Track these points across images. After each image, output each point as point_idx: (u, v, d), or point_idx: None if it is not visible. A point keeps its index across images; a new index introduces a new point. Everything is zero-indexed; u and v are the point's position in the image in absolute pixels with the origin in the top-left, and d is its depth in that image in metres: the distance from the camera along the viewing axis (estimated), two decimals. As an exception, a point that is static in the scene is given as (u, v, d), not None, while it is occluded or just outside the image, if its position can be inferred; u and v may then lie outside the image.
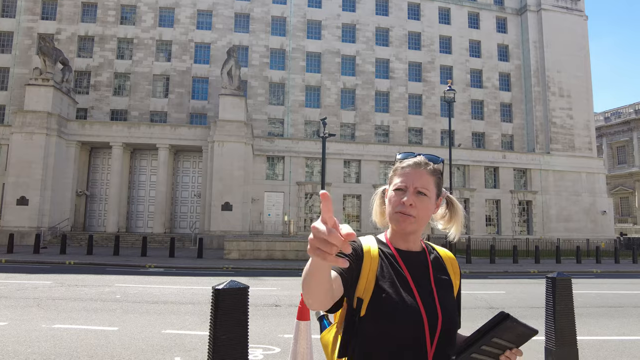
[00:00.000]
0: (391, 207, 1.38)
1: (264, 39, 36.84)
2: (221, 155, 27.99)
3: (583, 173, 38.05)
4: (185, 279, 13.03)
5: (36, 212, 26.06)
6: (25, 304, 8.22)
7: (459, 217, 1.48)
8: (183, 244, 27.31)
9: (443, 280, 1.40)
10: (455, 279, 1.45)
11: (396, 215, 1.35)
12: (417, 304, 1.28)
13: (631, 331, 7.27)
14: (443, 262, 1.46)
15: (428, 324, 1.27)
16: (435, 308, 1.30)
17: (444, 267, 1.44)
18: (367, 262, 1.35)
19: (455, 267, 1.47)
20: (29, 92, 27.71)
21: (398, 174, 1.40)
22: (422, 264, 1.39)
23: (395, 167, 1.43)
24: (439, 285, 1.37)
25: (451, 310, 1.34)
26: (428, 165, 1.39)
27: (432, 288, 1.34)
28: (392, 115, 37.94)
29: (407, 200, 1.33)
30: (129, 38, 35.45)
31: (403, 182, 1.37)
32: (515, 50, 41.20)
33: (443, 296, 1.35)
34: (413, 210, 1.33)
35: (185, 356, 5.25)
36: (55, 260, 16.82)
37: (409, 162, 1.39)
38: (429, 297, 1.32)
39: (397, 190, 1.37)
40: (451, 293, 1.39)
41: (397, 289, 1.30)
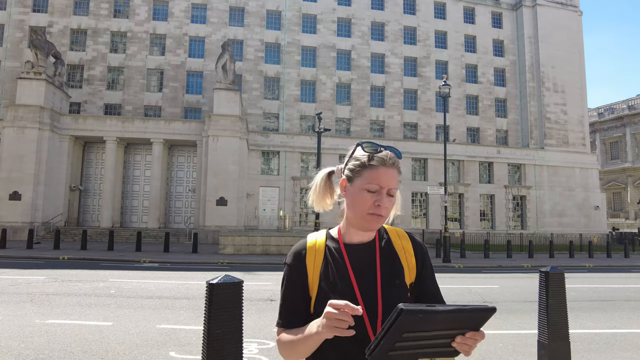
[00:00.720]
0: (361, 208, 1.34)
1: (258, 32, 36.59)
2: (216, 150, 27.86)
3: (577, 168, 38.33)
4: (180, 274, 13.00)
5: (29, 207, 25.84)
6: (18, 300, 8.17)
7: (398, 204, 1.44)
8: (178, 239, 27.23)
9: (391, 267, 1.38)
10: (409, 258, 1.41)
11: (369, 217, 1.34)
12: (355, 296, 1.29)
13: (622, 324, 7.36)
14: (393, 246, 1.43)
15: (368, 316, 1.27)
16: (376, 301, 1.30)
17: (394, 250, 1.42)
18: (310, 259, 1.38)
19: (406, 245, 1.44)
20: (20, 85, 27.37)
21: (368, 174, 1.34)
22: (369, 254, 1.38)
23: (362, 161, 1.36)
24: (385, 273, 1.36)
25: (396, 297, 1.32)
26: (395, 164, 1.36)
27: (376, 278, 1.34)
28: (387, 110, 37.92)
29: (383, 203, 1.32)
30: (122, 31, 35.07)
31: (377, 183, 1.33)
32: (510, 45, 41.26)
33: (388, 285, 1.33)
34: (384, 211, 1.34)
35: (180, 351, 5.25)
36: (49, 256, 16.72)
37: (384, 159, 1.35)
38: (371, 288, 1.32)
39: (370, 192, 1.33)
40: (401, 279, 1.37)
41: (337, 286, 1.32)
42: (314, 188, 1.48)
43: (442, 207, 26.18)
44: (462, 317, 1.01)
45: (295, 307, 1.35)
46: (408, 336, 0.98)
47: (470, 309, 1.01)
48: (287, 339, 1.30)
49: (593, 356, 5.54)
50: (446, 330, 1.02)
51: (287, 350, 1.31)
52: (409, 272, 1.40)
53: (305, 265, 1.38)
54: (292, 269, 1.39)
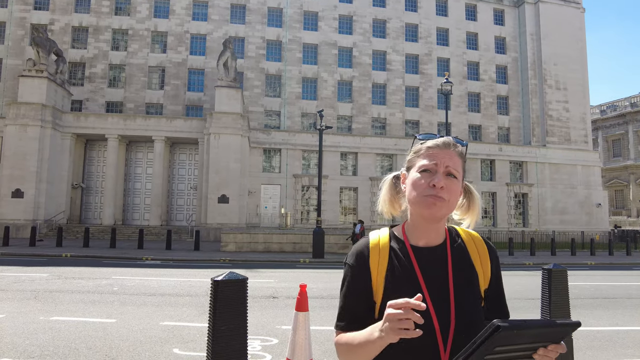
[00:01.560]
0: (417, 191, 1.21)
1: (260, 30, 36.54)
2: (217, 147, 27.88)
3: (579, 166, 38.25)
4: (183, 271, 13.04)
5: (31, 205, 25.92)
6: (22, 297, 8.21)
7: (477, 208, 1.36)
8: (180, 237, 27.30)
9: (465, 276, 1.25)
10: (484, 267, 1.29)
11: (425, 199, 1.20)
12: (427, 309, 1.16)
13: (624, 322, 7.37)
14: (468, 251, 1.30)
15: (440, 329, 1.16)
16: (449, 310, 1.19)
17: (468, 257, 1.29)
18: (374, 258, 1.26)
19: (482, 252, 1.31)
20: (22, 83, 27.41)
21: (423, 155, 1.25)
22: (440, 260, 1.26)
23: (417, 148, 1.28)
24: (458, 282, 1.23)
25: (471, 310, 1.21)
26: (456, 146, 1.26)
27: (448, 287, 1.22)
28: (389, 108, 37.87)
29: (438, 182, 1.18)
30: (123, 29, 35.05)
31: (432, 162, 1.22)
32: (512, 42, 41.12)
33: (462, 295, 1.21)
34: (445, 193, 1.19)
35: (184, 347, 5.28)
36: (52, 253, 16.78)
37: (437, 141, 1.26)
38: (443, 298, 1.20)
39: (425, 172, 1.22)
40: (474, 288, 1.25)
41: (406, 290, 1.19)
42: (381, 194, 1.39)
43: (444, 204, 26.08)
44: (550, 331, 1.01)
45: (357, 311, 1.24)
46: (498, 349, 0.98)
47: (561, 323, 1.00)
48: (347, 342, 1.20)
49: (595, 353, 5.54)
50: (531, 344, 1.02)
51: (346, 354, 1.21)
52: (483, 280, 1.28)
53: (368, 267, 1.26)
54: (353, 270, 1.27)
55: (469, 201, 1.38)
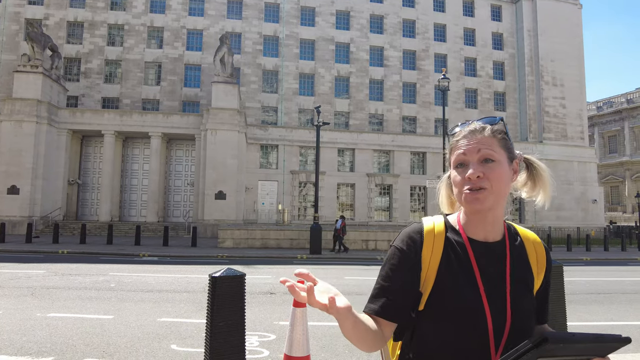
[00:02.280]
0: (457, 189, 1.16)
1: (257, 25, 36.36)
2: (214, 143, 27.81)
3: (575, 162, 38.42)
4: (180, 268, 13.04)
5: (27, 202, 25.80)
6: (19, 293, 8.19)
7: (545, 180, 1.26)
8: (177, 233, 27.27)
9: (522, 277, 1.18)
10: (540, 271, 1.23)
11: (464, 195, 1.13)
12: (482, 305, 1.10)
13: (619, 316, 7.43)
14: (526, 251, 1.22)
15: (493, 329, 1.09)
16: (504, 311, 1.11)
17: (526, 258, 1.21)
18: (427, 246, 1.17)
19: (540, 256, 1.24)
20: (17, 79, 27.20)
21: (454, 149, 1.19)
22: (498, 257, 1.18)
23: (451, 143, 1.23)
24: (515, 283, 1.15)
25: (526, 313, 1.14)
26: (485, 129, 1.17)
27: (505, 287, 1.14)
28: (386, 104, 37.85)
29: (472, 173, 1.12)
30: (119, 24, 34.80)
31: (462, 154, 1.16)
32: (509, 38, 41.12)
33: (518, 297, 1.14)
34: (484, 182, 1.11)
35: (181, 343, 5.28)
36: (48, 250, 16.73)
37: (464, 132, 1.19)
38: (500, 297, 1.12)
39: (459, 168, 1.17)
40: (530, 294, 1.18)
41: (462, 285, 1.12)
42: (440, 196, 1.36)
43: (441, 200, 26.16)
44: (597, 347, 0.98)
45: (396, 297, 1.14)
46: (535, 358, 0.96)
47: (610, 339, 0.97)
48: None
49: (590, 348, 5.58)
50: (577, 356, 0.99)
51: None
52: (537, 280, 1.22)
53: (420, 254, 1.17)
54: (403, 255, 1.17)
55: (534, 175, 1.27)
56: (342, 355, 5.02)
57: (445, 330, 1.11)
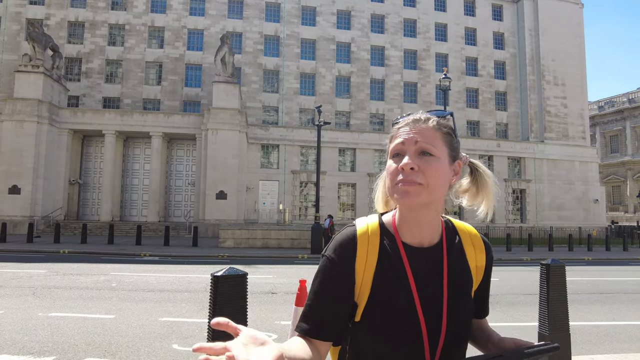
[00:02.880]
0: (390, 180, 1.05)
1: (257, 25, 36.36)
2: (215, 143, 27.81)
3: (576, 162, 38.36)
4: (181, 267, 13.04)
5: (28, 201, 25.83)
6: (20, 293, 8.20)
7: (489, 188, 1.17)
8: (178, 233, 27.28)
9: (460, 281, 1.11)
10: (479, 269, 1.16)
11: (397, 188, 1.03)
12: (416, 314, 1.04)
13: (620, 316, 7.42)
14: (464, 252, 1.15)
15: (428, 338, 1.04)
16: (440, 319, 1.06)
17: (465, 260, 1.14)
18: (361, 254, 1.08)
19: (479, 251, 1.16)
20: (18, 79, 27.23)
21: (394, 139, 1.09)
22: (434, 262, 1.10)
23: (391, 132, 1.12)
24: (452, 289, 1.09)
25: (463, 318, 1.09)
26: (429, 119, 1.08)
27: (442, 294, 1.07)
28: (387, 104, 37.82)
29: (406, 164, 1.01)
30: (120, 24, 34.81)
31: (401, 143, 1.05)
32: (510, 38, 41.07)
33: (456, 303, 1.08)
34: (418, 176, 1.01)
35: (183, 343, 5.28)
36: (50, 249, 16.75)
37: (405, 120, 1.09)
38: (436, 305, 1.06)
39: (395, 157, 1.06)
40: (468, 295, 1.12)
41: (395, 300, 1.05)
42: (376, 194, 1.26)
43: (442, 200, 26.13)
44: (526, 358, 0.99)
45: (328, 315, 1.05)
46: None
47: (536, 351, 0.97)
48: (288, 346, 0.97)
49: (592, 348, 5.58)
50: None
51: None
52: (475, 281, 1.16)
53: (354, 264, 1.07)
54: (335, 266, 1.07)
55: (478, 181, 1.19)
56: (343, 355, 5.00)
57: (379, 341, 1.04)
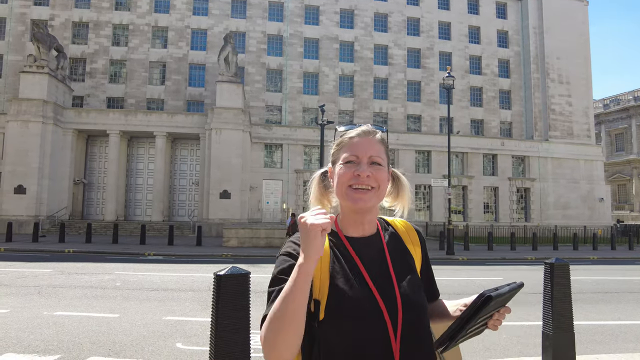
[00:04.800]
0: (342, 184, 1.21)
1: (261, 24, 36.38)
2: (219, 142, 27.87)
3: (581, 160, 38.12)
4: (185, 267, 13.09)
5: (34, 201, 26.00)
6: (26, 292, 8.26)
7: (406, 192, 1.37)
8: (182, 232, 27.37)
9: (403, 262, 1.27)
10: (416, 249, 1.33)
11: (349, 192, 1.20)
12: (374, 297, 1.15)
13: (626, 316, 7.36)
14: (400, 237, 1.33)
15: (389, 317, 1.14)
16: (394, 296, 1.17)
17: (402, 244, 1.31)
18: None
19: (414, 238, 1.35)
20: (23, 79, 27.39)
21: (345, 148, 1.24)
22: (377, 249, 1.25)
23: (339, 140, 1.28)
24: (397, 269, 1.23)
25: (414, 295, 1.20)
26: (376, 133, 1.26)
27: (390, 275, 1.20)
28: (390, 102, 37.75)
29: (362, 172, 1.18)
30: (124, 24, 34.94)
31: (354, 153, 1.21)
32: (514, 36, 40.85)
33: (403, 281, 1.21)
34: (372, 182, 1.19)
35: (187, 342, 5.30)
36: (55, 249, 16.85)
37: (357, 131, 1.26)
38: (388, 286, 1.18)
39: (348, 164, 1.21)
40: (414, 273, 1.27)
41: (352, 284, 1.16)
42: (311, 192, 1.36)
43: (446, 199, 26.14)
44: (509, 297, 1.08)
45: None
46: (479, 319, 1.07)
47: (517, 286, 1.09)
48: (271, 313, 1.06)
49: (597, 347, 5.55)
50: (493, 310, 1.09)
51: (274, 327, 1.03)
52: (418, 263, 1.32)
53: None
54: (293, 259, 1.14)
55: (397, 187, 1.38)
56: (347, 354, 5.00)
57: (347, 332, 1.12)
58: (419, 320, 1.20)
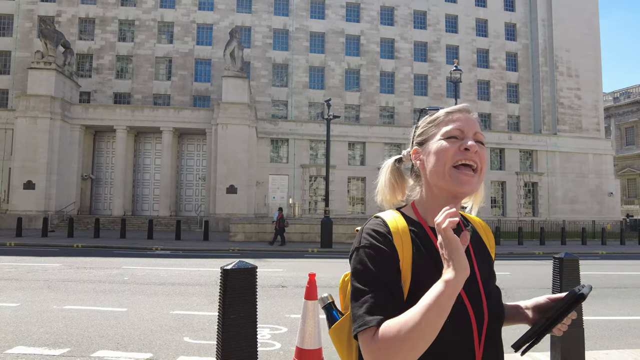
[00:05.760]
0: (443, 161, 1.03)
1: (266, 19, 36.25)
2: (225, 137, 27.92)
3: (590, 154, 37.69)
4: (192, 261, 13.17)
5: (43, 196, 26.28)
6: (36, 286, 8.36)
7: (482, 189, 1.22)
8: (189, 227, 27.53)
9: (484, 262, 1.12)
10: (492, 251, 1.19)
11: (455, 173, 1.03)
12: (462, 301, 1.01)
13: (635, 311, 7.29)
14: (480, 236, 1.18)
15: (475, 318, 1.01)
16: (480, 299, 1.04)
17: (483, 243, 1.17)
18: (398, 243, 1.04)
19: (490, 239, 1.20)
20: (31, 76, 27.60)
21: (443, 123, 1.08)
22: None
23: (433, 117, 1.12)
24: (481, 268, 1.09)
25: (496, 296, 1.09)
26: (473, 113, 1.12)
27: (475, 276, 1.06)
28: (397, 96, 37.52)
29: (472, 145, 1.02)
30: (130, 20, 35.01)
31: (458, 127, 1.05)
32: (523, 29, 40.32)
33: (486, 281, 1.09)
34: (478, 159, 1.04)
35: (194, 336, 5.33)
36: (63, 244, 17.04)
37: (457, 107, 1.11)
38: (473, 282, 1.04)
39: (450, 139, 1.05)
40: (492, 271, 1.15)
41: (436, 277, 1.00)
42: (381, 181, 1.19)
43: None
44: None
45: (397, 292, 0.99)
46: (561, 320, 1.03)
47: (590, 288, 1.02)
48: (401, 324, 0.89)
49: (606, 343, 5.50)
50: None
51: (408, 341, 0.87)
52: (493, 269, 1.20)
53: (394, 248, 1.03)
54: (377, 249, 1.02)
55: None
56: (353, 348, 5.00)
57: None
58: (499, 326, 1.10)
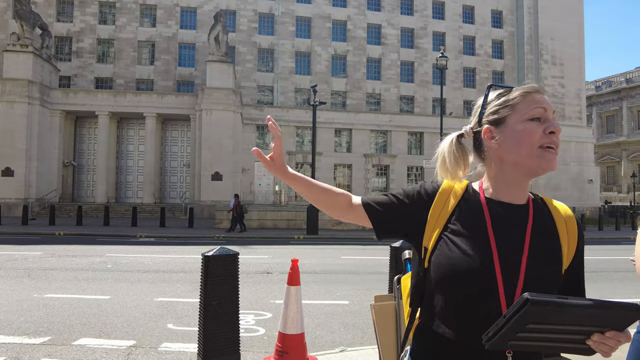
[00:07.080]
0: (530, 142, 1.04)
1: (252, 3, 35.54)
2: (209, 124, 27.54)
3: (572, 142, 38.40)
4: (177, 248, 13.08)
5: (22, 184, 25.63)
6: (15, 275, 8.20)
7: None
8: (174, 214, 27.27)
9: (545, 246, 1.07)
10: (570, 247, 1.12)
11: (541, 152, 1.04)
12: (492, 265, 1.01)
13: (612, 294, 7.53)
14: (554, 221, 1.12)
15: (504, 289, 1.00)
16: (517, 270, 1.01)
17: (554, 228, 1.11)
18: (438, 202, 1.12)
19: (571, 227, 1.13)
20: (7, 58, 26.63)
21: (522, 103, 1.07)
22: (519, 219, 1.08)
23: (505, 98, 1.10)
24: (535, 250, 1.05)
25: (543, 283, 1.02)
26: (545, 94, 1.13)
27: (522, 250, 1.04)
28: (383, 83, 37.45)
29: (557, 128, 1.05)
30: (110, 2, 33.91)
31: (543, 108, 1.06)
32: (509, 16, 40.45)
33: (536, 265, 1.03)
34: (557, 141, 1.07)
35: (178, 323, 5.32)
36: (45, 232, 16.73)
37: (532, 86, 1.10)
38: (513, 262, 1.02)
39: (533, 121, 1.05)
40: (555, 265, 1.07)
41: (468, 241, 1.04)
42: (441, 159, 1.18)
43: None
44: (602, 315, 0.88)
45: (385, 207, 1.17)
46: (533, 327, 0.88)
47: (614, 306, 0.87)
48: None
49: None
50: (581, 326, 0.90)
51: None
52: (567, 256, 1.11)
53: (431, 202, 1.13)
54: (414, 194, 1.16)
55: None
56: (337, 332, 5.06)
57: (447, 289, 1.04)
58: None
